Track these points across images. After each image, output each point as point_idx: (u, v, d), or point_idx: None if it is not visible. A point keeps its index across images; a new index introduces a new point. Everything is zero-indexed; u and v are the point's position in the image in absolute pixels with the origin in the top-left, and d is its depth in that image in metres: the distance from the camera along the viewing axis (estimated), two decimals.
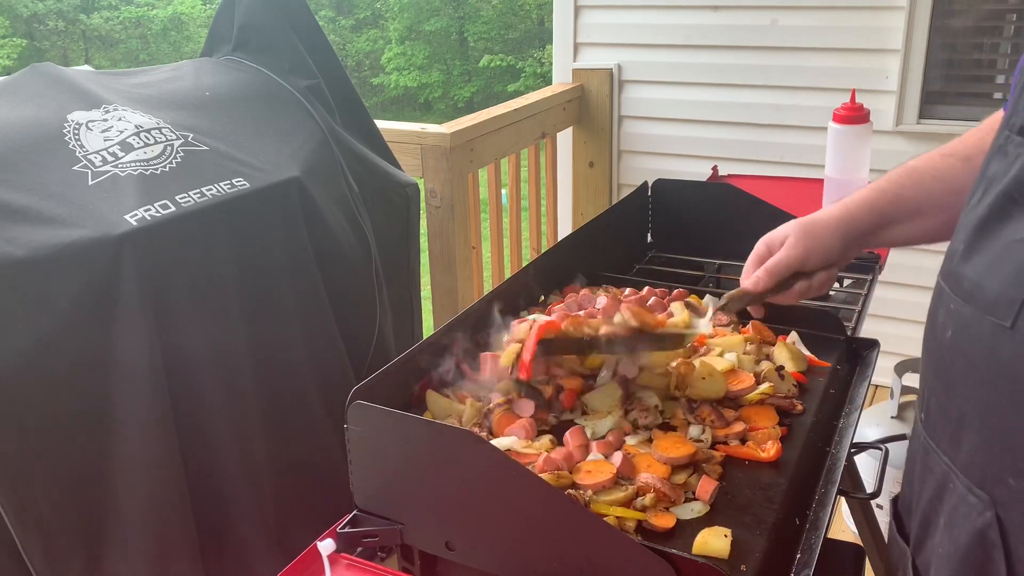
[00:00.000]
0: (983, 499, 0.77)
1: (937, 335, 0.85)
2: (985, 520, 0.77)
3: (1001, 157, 0.80)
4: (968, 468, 0.80)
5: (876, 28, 3.12)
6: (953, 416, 0.82)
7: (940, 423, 0.85)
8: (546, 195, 3.58)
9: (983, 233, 0.78)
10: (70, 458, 1.35)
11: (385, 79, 20.27)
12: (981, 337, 0.76)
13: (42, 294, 1.29)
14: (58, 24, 20.45)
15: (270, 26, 1.83)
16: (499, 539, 0.98)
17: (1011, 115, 0.81)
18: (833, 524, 1.15)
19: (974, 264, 0.78)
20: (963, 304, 0.79)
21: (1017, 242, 0.73)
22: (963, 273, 0.80)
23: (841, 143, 2.06)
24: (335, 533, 1.04)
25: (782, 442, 1.16)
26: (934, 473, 0.87)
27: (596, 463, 1.08)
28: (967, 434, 0.80)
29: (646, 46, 3.56)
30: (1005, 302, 0.73)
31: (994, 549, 0.76)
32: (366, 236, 1.81)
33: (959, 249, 0.82)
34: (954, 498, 0.82)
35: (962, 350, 0.79)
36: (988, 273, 0.76)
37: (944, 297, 0.84)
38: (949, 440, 0.83)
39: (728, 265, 1.81)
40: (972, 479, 0.79)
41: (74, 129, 1.48)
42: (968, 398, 0.79)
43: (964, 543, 0.80)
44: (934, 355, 0.86)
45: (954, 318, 0.81)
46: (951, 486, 0.83)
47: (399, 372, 1.17)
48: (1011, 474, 0.74)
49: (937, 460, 0.86)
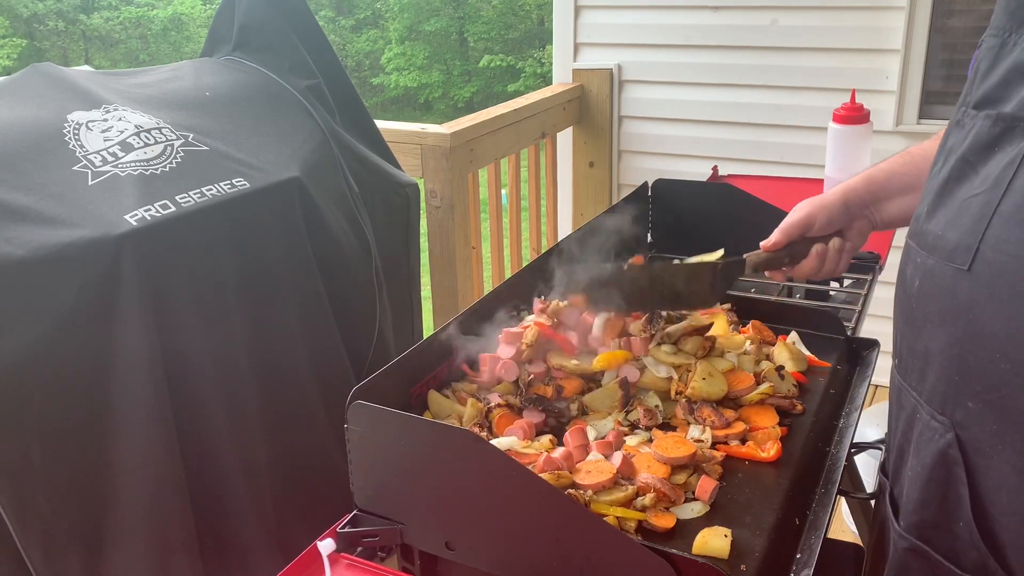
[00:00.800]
0: (944, 423, 0.88)
1: (906, 287, 0.95)
2: (947, 441, 0.87)
3: (958, 130, 0.91)
4: (932, 398, 0.90)
5: (876, 28, 3.12)
6: (920, 355, 0.92)
7: (910, 363, 0.95)
8: (546, 195, 3.58)
9: (943, 194, 0.89)
10: (70, 458, 1.35)
11: (385, 79, 20.27)
12: (943, 281, 0.86)
13: (42, 294, 1.29)
14: (58, 24, 20.45)
15: (270, 26, 1.83)
16: (499, 539, 0.98)
17: (966, 94, 0.91)
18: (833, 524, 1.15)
19: (937, 220, 0.89)
20: (928, 256, 0.89)
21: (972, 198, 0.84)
22: (927, 230, 0.91)
23: (841, 143, 2.06)
24: (335, 533, 1.04)
25: (782, 442, 1.16)
26: (905, 408, 0.97)
27: (596, 463, 1.08)
28: (931, 368, 0.90)
29: (646, 46, 3.56)
30: (963, 248, 0.83)
31: (955, 465, 0.86)
32: (366, 236, 1.81)
33: (923, 211, 0.93)
34: (920, 425, 0.92)
35: (927, 295, 0.89)
36: (948, 226, 0.87)
37: (912, 253, 0.94)
38: (917, 376, 0.93)
39: None
40: (935, 407, 0.89)
41: (74, 129, 1.48)
42: (933, 337, 0.89)
43: (929, 463, 0.90)
44: (904, 305, 0.96)
45: (920, 270, 0.91)
46: (918, 416, 0.93)
47: (399, 372, 1.17)
48: (969, 398, 0.84)
49: (907, 396, 0.95)
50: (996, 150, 0.83)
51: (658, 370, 1.27)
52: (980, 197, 0.83)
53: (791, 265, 1.34)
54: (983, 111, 0.87)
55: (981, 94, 0.88)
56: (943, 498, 0.89)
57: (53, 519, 1.34)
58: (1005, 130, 0.83)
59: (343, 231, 1.74)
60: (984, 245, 0.81)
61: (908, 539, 0.95)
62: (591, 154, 3.67)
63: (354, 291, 1.79)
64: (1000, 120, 0.84)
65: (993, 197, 0.81)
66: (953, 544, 0.89)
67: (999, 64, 0.87)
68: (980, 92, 0.88)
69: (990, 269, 0.80)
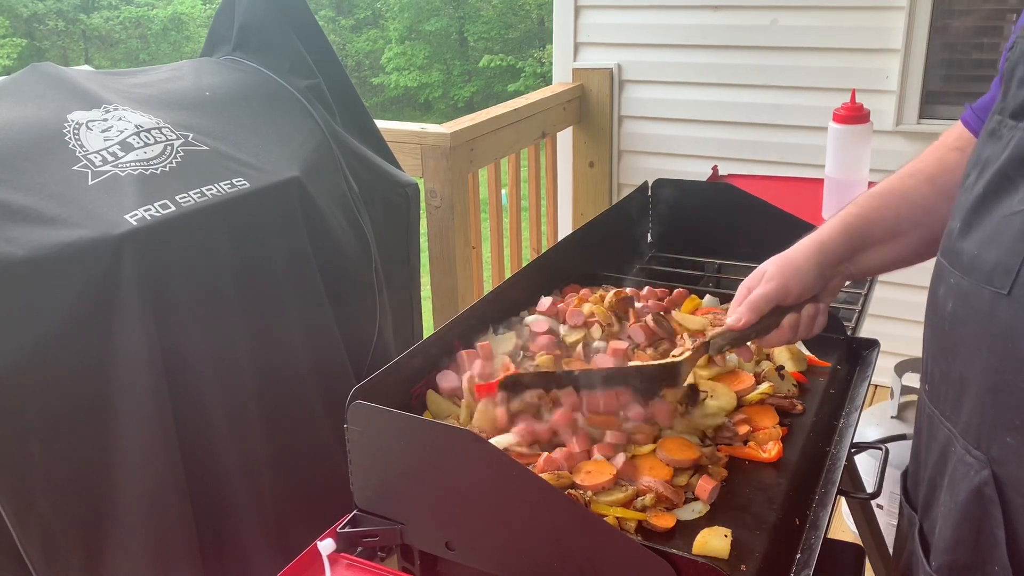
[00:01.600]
0: (980, 458, 0.82)
1: (938, 309, 0.89)
2: (982, 478, 0.82)
3: (994, 141, 0.84)
4: (967, 430, 0.84)
5: (876, 28, 3.12)
6: (954, 382, 0.86)
7: (942, 391, 0.89)
8: (546, 195, 3.58)
9: (980, 210, 0.83)
10: (70, 458, 1.35)
11: (385, 79, 20.26)
12: (980, 305, 0.80)
13: (42, 294, 1.29)
14: (58, 24, 20.45)
15: (270, 26, 1.83)
16: (499, 539, 0.98)
17: (1001, 101, 0.86)
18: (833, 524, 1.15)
19: (972, 239, 0.83)
20: (962, 277, 0.83)
21: (1013, 215, 0.78)
22: (961, 248, 0.84)
23: (841, 143, 2.06)
24: (335, 533, 1.04)
25: (782, 442, 1.16)
26: (938, 439, 0.91)
27: (597, 464, 1.08)
28: (967, 398, 0.84)
29: (646, 46, 3.56)
30: (1002, 270, 0.77)
31: (991, 504, 0.81)
32: (366, 236, 1.81)
33: (956, 227, 0.87)
34: (955, 459, 0.86)
35: (962, 320, 0.83)
36: (986, 245, 0.80)
37: (944, 273, 0.88)
38: (951, 406, 0.87)
39: (728, 265, 1.81)
40: (970, 440, 0.84)
41: (74, 129, 1.48)
42: (968, 364, 0.83)
43: (963, 500, 0.85)
44: (936, 328, 0.90)
45: (954, 291, 0.85)
46: (952, 449, 0.87)
47: (399, 372, 1.17)
48: (1007, 432, 0.79)
49: (940, 426, 0.90)
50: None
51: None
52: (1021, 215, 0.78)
53: (759, 338, 1.17)
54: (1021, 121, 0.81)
55: (1019, 103, 0.83)
56: (977, 539, 0.85)
57: (53, 519, 1.34)
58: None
59: (343, 231, 1.74)
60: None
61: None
62: (591, 154, 3.67)
63: (354, 291, 1.79)
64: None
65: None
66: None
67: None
68: (1018, 100, 0.83)
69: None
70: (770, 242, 1.58)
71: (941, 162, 1.11)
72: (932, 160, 1.13)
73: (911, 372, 2.58)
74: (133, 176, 1.44)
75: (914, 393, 2.59)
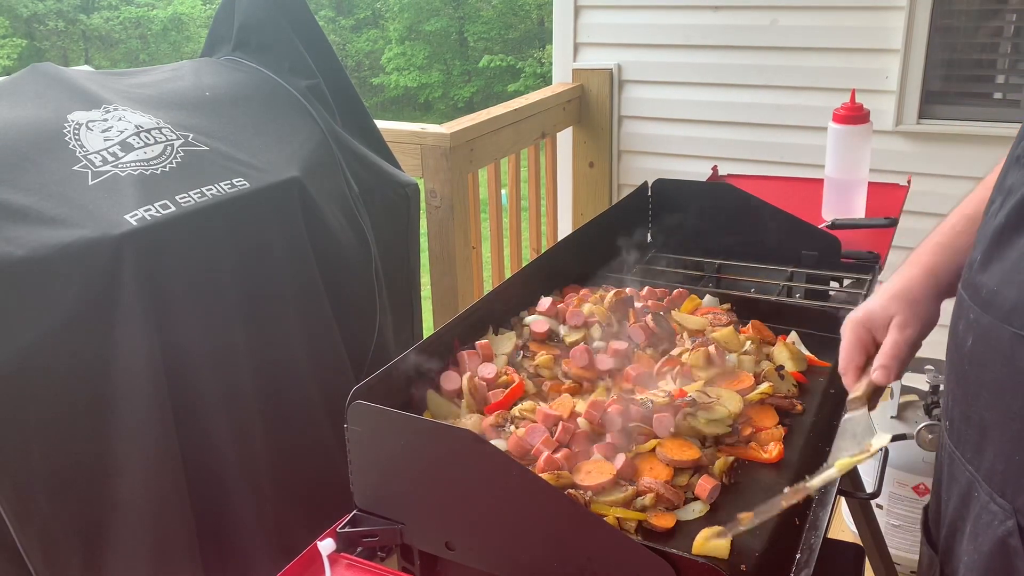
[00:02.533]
0: (1005, 508, 0.78)
1: (958, 344, 0.85)
2: (1007, 528, 0.77)
3: (1018, 168, 0.80)
4: (990, 476, 0.80)
5: (876, 28, 3.12)
6: (975, 425, 0.82)
7: (964, 432, 0.85)
8: (546, 195, 3.57)
9: (1000, 242, 0.79)
10: (70, 458, 1.35)
11: (385, 79, 20.26)
12: (1000, 346, 0.76)
13: (42, 294, 1.29)
14: (58, 24, 20.45)
15: (270, 26, 1.83)
16: (499, 539, 0.98)
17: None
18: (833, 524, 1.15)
19: (992, 273, 0.79)
20: (982, 313, 0.79)
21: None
22: (981, 282, 0.80)
23: (841, 143, 2.06)
24: (335, 533, 1.04)
25: (783, 442, 1.16)
26: (959, 482, 0.87)
27: (597, 463, 1.08)
28: (989, 443, 0.80)
29: (646, 46, 3.56)
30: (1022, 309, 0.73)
31: (1016, 557, 0.77)
32: (366, 236, 1.81)
33: (977, 259, 0.83)
34: (978, 506, 0.82)
35: (982, 359, 0.79)
36: (1005, 281, 0.76)
37: (964, 307, 0.84)
38: (973, 449, 0.83)
39: (728, 265, 1.81)
40: (994, 487, 0.79)
41: (74, 129, 1.48)
42: (989, 407, 0.79)
43: (987, 551, 0.81)
44: (956, 364, 0.86)
45: (974, 328, 0.81)
46: (975, 494, 0.83)
47: (399, 372, 1.17)
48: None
49: (962, 469, 0.86)
50: None
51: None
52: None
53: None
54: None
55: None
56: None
57: (53, 519, 1.34)
58: None
59: (343, 231, 1.74)
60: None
61: None
62: (591, 154, 3.67)
63: (354, 291, 1.79)
64: None
65: None
66: None
67: None
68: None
69: None
70: (770, 242, 1.59)
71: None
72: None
73: (911, 372, 2.58)
74: (133, 176, 1.44)
75: (914, 393, 2.59)
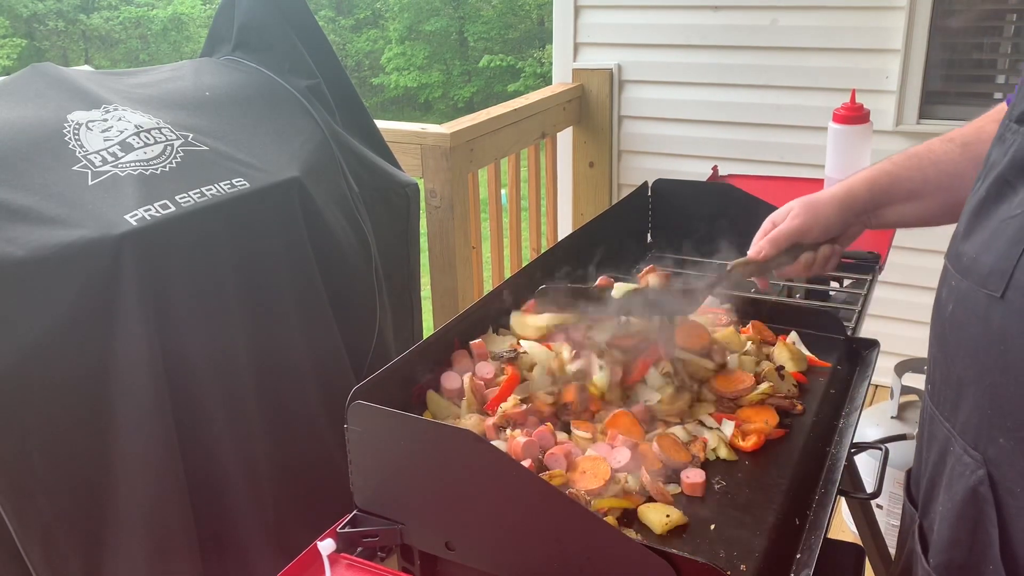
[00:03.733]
0: (976, 458, 0.84)
1: (941, 311, 0.91)
2: (978, 477, 0.83)
3: (1000, 145, 0.86)
4: (965, 430, 0.86)
5: (876, 28, 3.12)
6: (953, 384, 0.87)
7: (943, 392, 0.91)
8: (546, 195, 3.57)
9: (981, 213, 0.84)
10: (70, 458, 1.35)
11: (385, 79, 20.26)
12: (976, 308, 0.82)
13: (42, 294, 1.29)
14: (58, 24, 20.45)
15: (270, 26, 1.83)
16: (499, 539, 0.98)
17: (1012, 107, 0.86)
18: (833, 524, 1.15)
19: (972, 242, 0.84)
20: (962, 279, 0.85)
21: (1009, 219, 0.79)
22: (963, 251, 0.86)
23: (841, 143, 2.06)
24: (335, 533, 1.04)
25: (783, 442, 1.16)
26: (937, 439, 0.92)
27: (593, 461, 1.08)
28: (964, 399, 0.85)
29: (646, 46, 3.56)
30: (997, 273, 0.79)
31: (986, 504, 0.82)
32: (366, 236, 1.81)
33: (960, 231, 0.89)
34: (953, 459, 0.88)
35: (960, 322, 0.85)
36: (984, 249, 0.82)
37: (947, 275, 0.90)
38: (950, 407, 0.89)
39: None
40: (967, 440, 0.85)
41: (74, 129, 1.48)
42: (966, 366, 0.84)
43: (960, 499, 0.86)
44: (938, 330, 0.92)
45: (954, 294, 0.87)
46: (951, 449, 0.88)
47: (399, 372, 1.17)
48: (1001, 434, 0.80)
49: (940, 426, 0.91)
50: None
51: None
52: (1017, 219, 0.78)
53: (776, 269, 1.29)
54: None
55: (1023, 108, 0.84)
56: (973, 538, 0.86)
57: (53, 518, 1.34)
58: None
59: (343, 231, 1.74)
60: (1018, 271, 0.76)
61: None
62: (591, 154, 3.67)
63: (354, 291, 1.79)
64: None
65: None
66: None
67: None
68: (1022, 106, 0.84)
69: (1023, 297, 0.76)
70: None
71: (979, 131, 1.15)
72: (971, 129, 1.18)
73: (911, 372, 2.58)
74: (133, 176, 1.44)
75: (914, 393, 2.59)
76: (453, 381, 1.24)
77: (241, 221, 1.51)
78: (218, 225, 1.48)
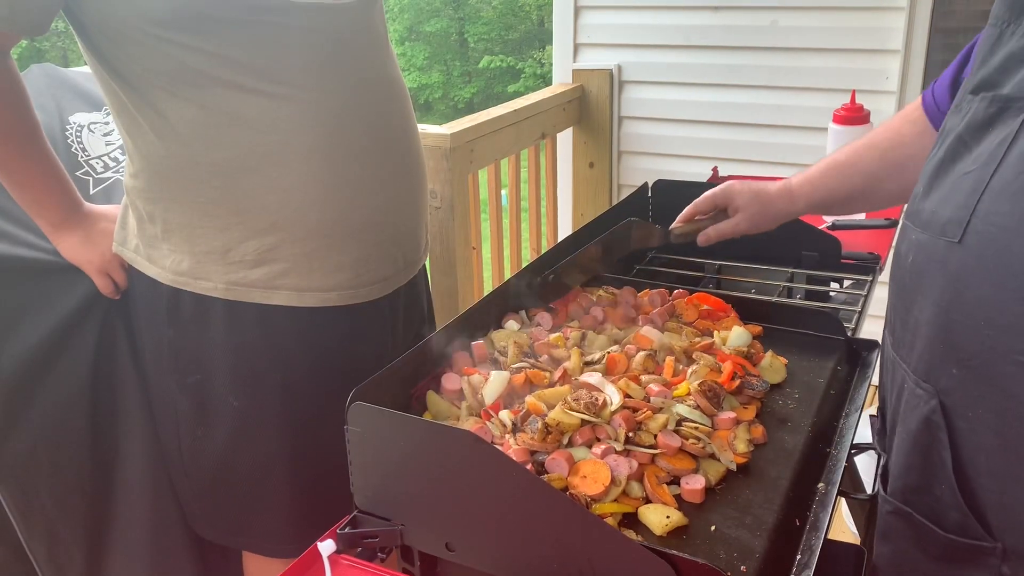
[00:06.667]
0: (929, 390, 0.91)
1: (900, 262, 0.98)
2: (931, 407, 0.90)
3: (955, 113, 0.94)
4: (918, 366, 0.93)
5: (876, 28, 3.12)
6: (911, 327, 0.94)
7: (902, 336, 0.97)
8: (546, 196, 3.58)
9: (939, 173, 0.92)
10: (74, 457, 1.35)
11: None
12: (935, 255, 0.89)
13: (46, 296, 1.30)
14: (58, 24, 20.38)
15: None
16: (499, 540, 0.98)
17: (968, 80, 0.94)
18: (833, 525, 1.15)
19: (932, 199, 0.92)
20: (922, 232, 0.92)
21: (965, 175, 0.87)
22: (923, 208, 0.93)
23: (841, 144, 2.06)
24: (335, 533, 1.04)
25: (783, 442, 1.16)
26: (896, 381, 0.99)
27: (594, 465, 1.08)
28: (919, 339, 0.92)
29: (646, 46, 3.56)
30: (955, 222, 0.86)
31: (938, 430, 0.90)
32: None
33: (920, 191, 0.96)
34: (907, 394, 0.95)
35: (919, 269, 0.92)
36: (942, 203, 0.89)
37: (907, 231, 0.97)
38: (907, 348, 0.96)
39: (728, 266, 1.81)
40: (920, 375, 0.93)
41: (76, 131, 1.48)
42: (922, 308, 0.91)
43: (913, 429, 0.93)
44: (897, 279, 0.99)
45: (915, 246, 0.94)
46: (906, 385, 0.95)
47: (399, 372, 1.17)
48: (954, 364, 0.87)
49: (899, 369, 0.98)
50: (990, 129, 0.86)
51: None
52: (973, 174, 0.86)
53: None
54: (979, 94, 0.90)
55: (978, 79, 0.91)
56: (926, 462, 0.92)
57: (57, 516, 1.34)
58: (1000, 110, 0.86)
59: None
60: (975, 218, 0.84)
61: (892, 503, 0.99)
62: (591, 154, 3.67)
63: None
64: (996, 101, 0.86)
65: (985, 173, 0.84)
66: (935, 506, 0.92)
67: (996, 52, 0.90)
68: (977, 78, 0.91)
69: (979, 240, 0.83)
70: (770, 242, 1.59)
71: (897, 135, 1.32)
72: (889, 134, 1.34)
73: None
74: None
75: None
76: (453, 382, 1.24)
77: None
78: None
